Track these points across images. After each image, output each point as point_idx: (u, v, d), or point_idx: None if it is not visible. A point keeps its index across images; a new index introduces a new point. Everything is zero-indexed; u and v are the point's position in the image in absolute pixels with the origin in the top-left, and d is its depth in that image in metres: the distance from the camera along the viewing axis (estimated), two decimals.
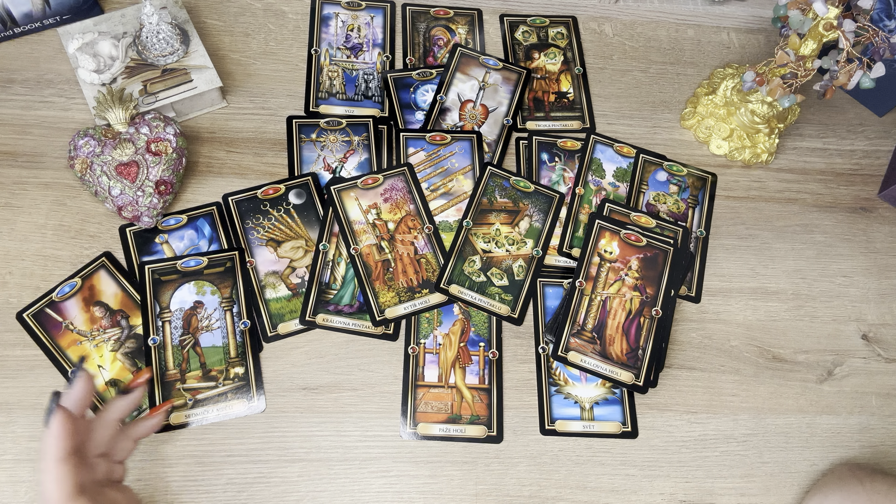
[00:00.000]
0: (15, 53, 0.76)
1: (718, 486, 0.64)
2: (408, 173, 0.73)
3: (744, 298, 0.73)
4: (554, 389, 0.66)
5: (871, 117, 0.85)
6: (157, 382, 0.62)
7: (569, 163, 0.77)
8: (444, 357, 0.67)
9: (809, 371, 0.70)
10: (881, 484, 0.59)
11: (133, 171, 0.65)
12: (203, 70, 0.73)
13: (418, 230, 0.71)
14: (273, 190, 0.71)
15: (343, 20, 0.83)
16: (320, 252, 0.69)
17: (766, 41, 0.89)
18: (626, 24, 0.88)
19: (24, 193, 0.69)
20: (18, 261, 0.66)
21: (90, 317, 0.64)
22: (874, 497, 0.58)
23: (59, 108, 0.73)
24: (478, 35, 0.84)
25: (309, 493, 0.61)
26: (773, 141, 0.78)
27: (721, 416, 0.67)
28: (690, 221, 0.75)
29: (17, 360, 0.62)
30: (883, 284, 0.75)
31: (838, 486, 0.62)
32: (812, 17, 0.65)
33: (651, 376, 0.66)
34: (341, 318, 0.67)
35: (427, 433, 0.64)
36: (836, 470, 0.65)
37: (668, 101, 0.83)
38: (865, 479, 0.60)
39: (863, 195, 0.80)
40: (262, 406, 0.63)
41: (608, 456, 0.64)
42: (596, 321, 0.68)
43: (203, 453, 0.61)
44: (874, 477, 0.61)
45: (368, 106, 0.78)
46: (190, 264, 0.67)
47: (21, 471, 0.59)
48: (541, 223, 0.73)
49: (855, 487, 0.60)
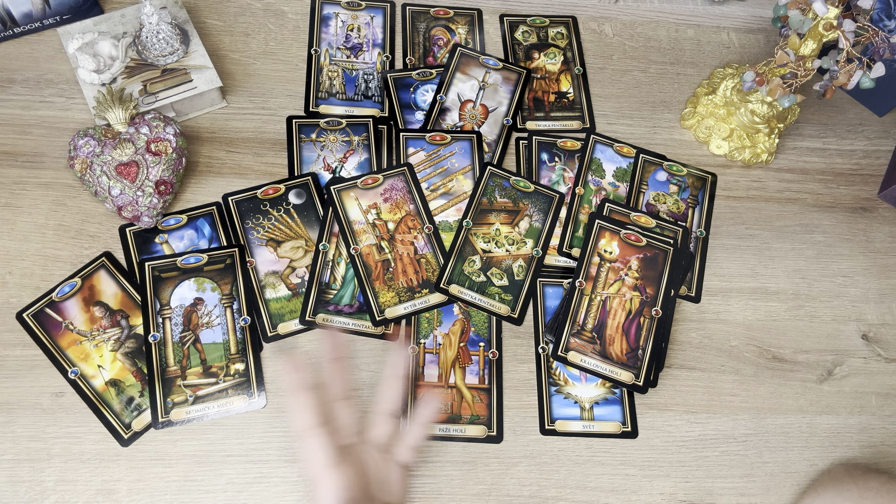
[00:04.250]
0: (15, 53, 0.76)
1: (718, 486, 0.64)
2: (408, 173, 0.74)
3: (744, 298, 0.73)
4: (554, 389, 0.66)
5: (871, 117, 0.85)
6: (157, 379, 0.62)
7: (569, 163, 0.77)
8: (443, 357, 0.67)
9: (809, 371, 0.70)
10: (874, 481, 0.59)
11: (133, 171, 0.65)
12: (203, 70, 0.73)
13: (418, 230, 0.71)
14: (273, 190, 0.71)
15: (343, 20, 0.83)
16: (320, 252, 0.69)
17: (766, 41, 0.89)
18: (626, 24, 0.88)
19: (24, 193, 0.69)
20: (18, 261, 0.66)
21: (90, 317, 0.64)
22: (865, 493, 0.58)
23: (59, 108, 0.73)
24: (478, 35, 0.84)
25: (309, 493, 0.60)
26: (773, 141, 0.79)
27: (721, 416, 0.67)
28: (690, 221, 0.75)
29: (17, 360, 0.62)
30: (883, 284, 0.75)
31: (832, 484, 0.62)
32: (812, 17, 0.65)
33: (651, 376, 0.66)
34: (341, 318, 0.67)
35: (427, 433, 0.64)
36: (832, 469, 0.65)
37: (668, 101, 0.83)
38: (859, 477, 0.61)
39: (863, 195, 0.80)
40: (262, 402, 0.63)
41: (608, 456, 0.64)
42: (596, 321, 0.68)
43: (203, 453, 0.61)
44: (868, 475, 0.61)
45: (368, 106, 0.78)
46: (190, 261, 0.67)
47: (21, 471, 0.59)
48: (541, 223, 0.73)
49: (848, 485, 0.60)
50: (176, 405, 0.62)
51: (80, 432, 0.60)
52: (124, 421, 0.61)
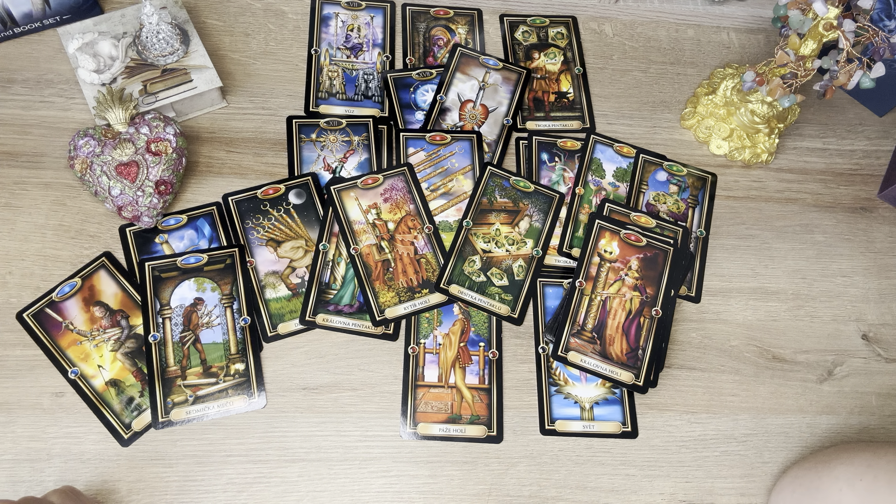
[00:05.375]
0: (15, 53, 0.76)
1: (718, 486, 0.64)
2: (408, 173, 0.74)
3: (744, 298, 0.73)
4: (554, 389, 0.66)
5: (871, 117, 0.85)
6: (157, 379, 0.62)
7: (569, 163, 0.77)
8: (444, 357, 0.67)
9: (809, 371, 0.70)
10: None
11: (133, 171, 0.65)
12: (203, 70, 0.73)
13: (418, 230, 0.71)
14: (273, 190, 0.71)
15: (343, 20, 0.83)
16: (320, 252, 0.69)
17: (766, 41, 0.89)
18: (626, 24, 0.88)
19: (24, 193, 0.69)
20: (18, 261, 0.66)
21: (90, 317, 0.64)
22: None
23: (59, 108, 0.73)
24: (478, 35, 0.84)
25: (309, 493, 0.61)
26: (773, 141, 0.79)
27: (721, 416, 0.67)
28: (690, 221, 0.75)
29: (17, 360, 0.62)
30: (883, 284, 0.75)
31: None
32: (812, 17, 0.65)
33: (651, 376, 0.66)
34: (341, 318, 0.67)
35: (427, 433, 0.64)
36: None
37: (668, 101, 0.83)
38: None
39: (863, 195, 0.80)
40: (262, 402, 0.63)
41: (608, 456, 0.64)
42: (596, 321, 0.68)
43: (203, 453, 0.61)
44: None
45: (368, 106, 0.78)
46: (190, 261, 0.67)
47: (21, 471, 0.59)
48: (541, 223, 0.73)
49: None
50: (176, 405, 0.62)
51: (80, 432, 0.60)
52: (124, 421, 0.61)
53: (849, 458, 0.56)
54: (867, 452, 0.56)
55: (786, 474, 0.63)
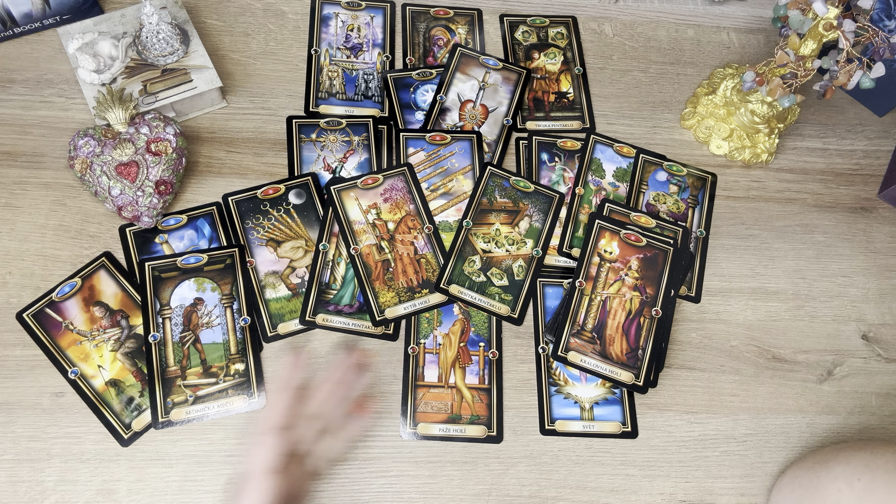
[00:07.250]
0: (15, 53, 0.76)
1: (718, 486, 0.64)
2: (408, 173, 0.74)
3: (744, 298, 0.73)
4: (554, 389, 0.66)
5: (871, 117, 0.85)
6: (157, 379, 0.62)
7: (569, 163, 0.77)
8: (444, 357, 0.67)
9: (809, 371, 0.70)
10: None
11: (133, 171, 0.65)
12: (203, 70, 0.73)
13: (418, 230, 0.71)
14: (273, 190, 0.71)
15: (343, 20, 0.83)
16: (320, 252, 0.69)
17: (766, 41, 0.89)
18: (626, 24, 0.88)
19: (24, 193, 0.69)
20: (18, 261, 0.66)
21: (90, 317, 0.64)
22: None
23: (59, 108, 0.73)
24: (478, 35, 0.84)
25: (308, 493, 0.60)
26: (773, 141, 0.79)
27: (721, 416, 0.67)
28: (690, 221, 0.75)
29: (17, 360, 0.62)
30: (883, 284, 0.75)
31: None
32: (812, 17, 0.65)
33: (651, 376, 0.66)
34: (341, 318, 0.67)
35: (427, 433, 0.64)
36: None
37: (668, 101, 0.83)
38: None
39: (863, 195, 0.80)
40: (262, 402, 0.63)
41: (608, 456, 0.64)
42: (596, 321, 0.68)
43: (203, 453, 0.61)
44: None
45: (368, 106, 0.78)
46: (190, 261, 0.67)
47: (21, 471, 0.59)
48: (541, 223, 0.73)
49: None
50: (176, 405, 0.62)
51: (80, 432, 0.60)
52: (124, 421, 0.61)
53: (847, 457, 0.57)
54: (865, 452, 0.56)
55: (784, 474, 0.63)
